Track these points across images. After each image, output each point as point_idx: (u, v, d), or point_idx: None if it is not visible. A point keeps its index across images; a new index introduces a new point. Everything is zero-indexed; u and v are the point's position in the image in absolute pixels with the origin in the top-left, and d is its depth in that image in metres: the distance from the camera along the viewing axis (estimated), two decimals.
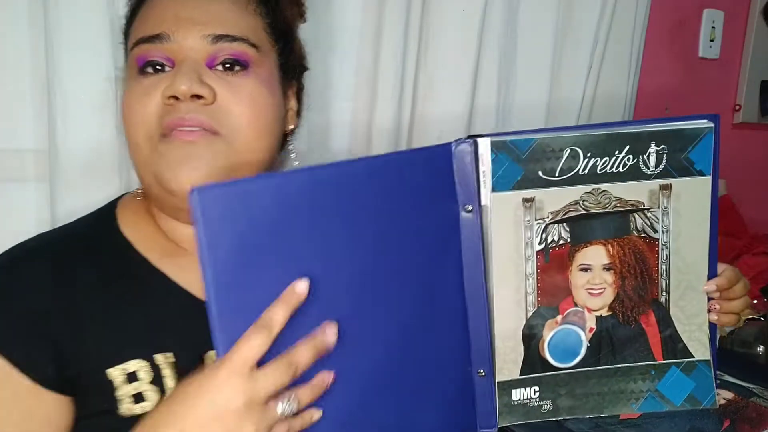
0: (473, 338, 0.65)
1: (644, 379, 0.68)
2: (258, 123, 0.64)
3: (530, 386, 0.67)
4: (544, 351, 0.66)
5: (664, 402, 0.68)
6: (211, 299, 0.48)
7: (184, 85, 0.60)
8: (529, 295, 0.65)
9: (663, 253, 0.67)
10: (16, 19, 0.81)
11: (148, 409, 0.59)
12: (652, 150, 0.64)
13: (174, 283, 0.65)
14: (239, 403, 0.48)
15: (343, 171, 0.56)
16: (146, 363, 0.61)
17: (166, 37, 0.63)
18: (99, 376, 0.60)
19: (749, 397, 0.71)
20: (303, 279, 0.50)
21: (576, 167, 0.64)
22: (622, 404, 0.68)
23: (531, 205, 0.64)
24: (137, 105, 0.63)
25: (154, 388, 0.61)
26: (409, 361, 0.61)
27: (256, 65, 0.65)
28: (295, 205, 0.52)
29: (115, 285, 0.64)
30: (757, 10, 1.56)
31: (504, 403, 0.66)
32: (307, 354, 0.51)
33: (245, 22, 0.66)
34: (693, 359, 0.69)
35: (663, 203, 0.66)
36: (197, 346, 0.61)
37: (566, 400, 0.67)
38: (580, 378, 0.67)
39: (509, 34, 1.13)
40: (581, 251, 0.65)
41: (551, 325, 0.66)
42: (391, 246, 0.59)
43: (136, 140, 0.63)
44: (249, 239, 0.50)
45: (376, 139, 1.03)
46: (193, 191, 0.47)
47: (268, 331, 0.49)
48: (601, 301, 0.67)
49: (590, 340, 0.67)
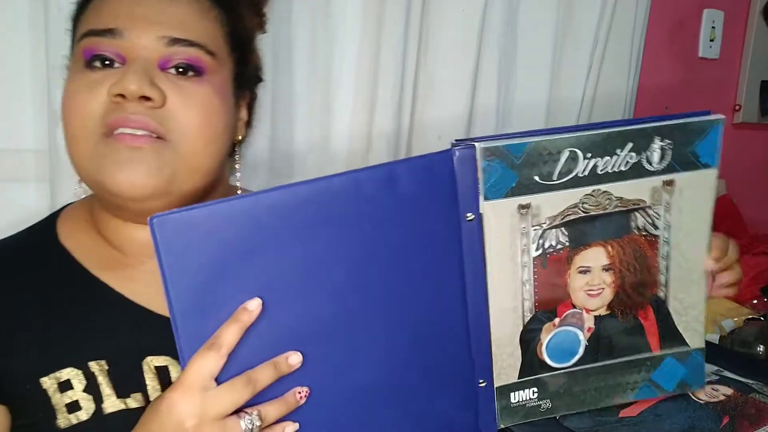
0: (474, 349, 0.63)
1: (640, 371, 0.68)
2: (207, 131, 0.62)
3: (529, 388, 0.66)
4: (542, 353, 0.65)
5: (658, 390, 0.68)
6: (176, 324, 0.50)
7: (134, 84, 0.58)
8: (526, 301, 0.63)
9: (663, 249, 0.65)
10: (16, 19, 0.83)
11: (83, 418, 0.60)
12: (656, 146, 0.61)
13: (113, 291, 0.65)
14: (193, 421, 0.50)
15: (319, 188, 0.53)
16: (79, 371, 0.61)
17: (119, 33, 0.61)
18: (33, 385, 0.60)
19: (748, 393, 0.71)
20: (255, 298, 0.52)
21: (575, 169, 0.60)
22: (618, 396, 0.68)
23: (527, 211, 0.60)
24: (80, 99, 0.60)
25: (88, 397, 0.60)
26: (410, 374, 0.60)
27: (211, 73, 0.63)
28: (264, 228, 0.51)
29: (51, 295, 0.64)
30: (757, 10, 1.56)
31: (503, 406, 0.66)
32: (266, 374, 0.52)
33: (204, 28, 0.64)
34: (688, 348, 0.68)
35: (665, 199, 0.63)
36: (135, 353, 0.62)
37: (564, 398, 0.67)
38: (578, 376, 0.67)
39: (509, 34, 1.14)
40: (580, 254, 0.63)
41: (549, 328, 0.65)
42: (386, 259, 0.57)
43: (75, 134, 0.61)
44: (212, 264, 0.50)
45: (376, 139, 1.04)
46: (151, 220, 0.48)
47: (217, 350, 0.50)
48: (600, 301, 0.65)
49: (588, 339, 0.66)
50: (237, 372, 0.51)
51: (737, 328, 1.08)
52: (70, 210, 0.72)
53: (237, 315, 0.51)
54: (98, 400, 0.60)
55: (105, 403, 0.60)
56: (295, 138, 1.00)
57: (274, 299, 0.52)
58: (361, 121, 1.02)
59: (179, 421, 0.50)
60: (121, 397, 0.61)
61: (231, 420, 0.51)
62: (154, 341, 0.63)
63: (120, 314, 0.64)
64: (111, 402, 0.60)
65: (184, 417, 0.50)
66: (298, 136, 1.00)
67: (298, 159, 1.01)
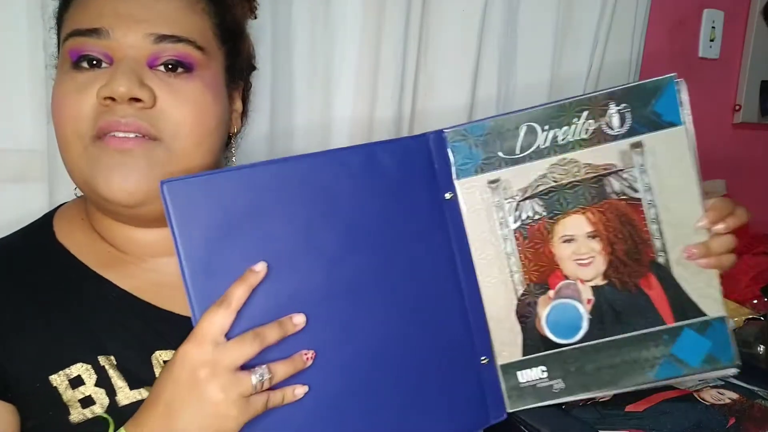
0: (473, 325, 0.66)
1: (657, 345, 0.65)
2: (200, 129, 0.62)
3: (536, 366, 0.66)
4: (543, 328, 0.65)
5: (681, 366, 0.65)
6: (187, 283, 0.53)
7: (123, 86, 0.58)
8: (515, 273, 0.66)
9: (650, 212, 0.65)
10: (16, 19, 0.81)
11: (99, 412, 0.59)
12: (613, 110, 0.65)
13: (116, 287, 0.65)
14: (205, 370, 0.51)
15: (313, 162, 0.58)
16: (89, 365, 0.61)
17: (104, 33, 0.60)
18: (42, 383, 0.60)
19: (754, 399, 0.68)
20: (261, 261, 0.55)
21: (536, 141, 0.65)
22: (637, 374, 0.65)
23: (497, 185, 0.65)
24: (69, 102, 0.60)
25: (101, 390, 0.60)
26: (409, 349, 0.62)
27: (201, 68, 0.63)
28: (265, 196, 0.55)
29: (52, 293, 0.63)
30: (757, 10, 1.56)
31: (511, 387, 0.66)
32: (272, 331, 0.54)
33: (192, 22, 0.63)
34: (706, 317, 0.65)
35: (638, 161, 0.65)
36: (142, 347, 0.62)
37: (578, 377, 0.66)
38: (588, 352, 0.65)
39: (509, 34, 1.14)
40: (560, 223, 0.65)
41: (545, 301, 0.66)
42: (376, 232, 0.61)
43: (66, 139, 0.61)
44: (219, 228, 0.54)
45: (377, 137, 1.03)
46: (162, 184, 0.52)
47: (227, 306, 0.52)
48: (593, 270, 0.66)
49: (591, 312, 0.66)
50: (245, 330, 0.54)
51: (737, 328, 1.05)
52: (65, 208, 0.72)
53: (245, 276, 0.54)
54: (111, 393, 0.60)
55: (118, 395, 0.60)
56: (295, 137, 1.00)
57: (277, 263, 0.56)
58: (361, 118, 1.03)
59: (192, 370, 0.51)
60: (134, 389, 0.61)
61: (242, 373, 0.52)
62: (160, 336, 0.63)
63: (124, 309, 0.64)
64: (124, 394, 0.60)
65: (196, 366, 0.51)
66: (297, 136, 1.00)
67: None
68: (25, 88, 0.83)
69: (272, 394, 0.54)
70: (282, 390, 0.55)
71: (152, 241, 0.67)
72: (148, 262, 0.67)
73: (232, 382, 0.52)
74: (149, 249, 0.67)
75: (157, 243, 0.67)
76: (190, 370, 0.52)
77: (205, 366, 0.51)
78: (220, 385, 0.51)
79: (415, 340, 0.63)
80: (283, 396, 0.55)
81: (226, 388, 0.51)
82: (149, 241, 0.67)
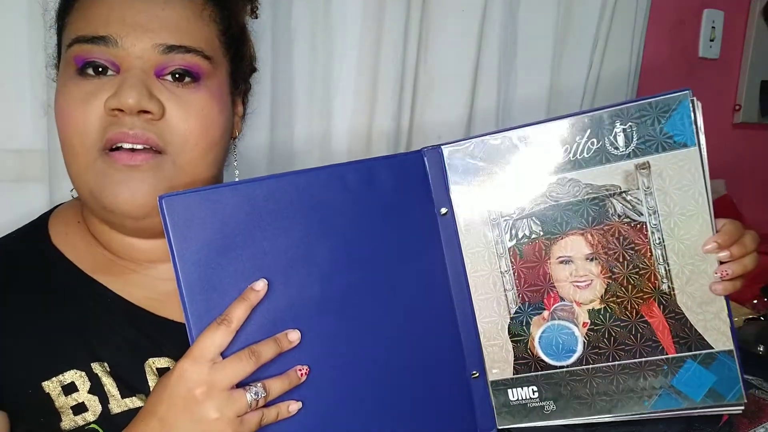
0: (464, 339, 0.66)
1: (656, 375, 0.62)
2: (205, 141, 0.63)
3: (527, 386, 0.65)
4: (536, 349, 0.65)
5: (681, 398, 0.62)
6: (184, 301, 0.54)
7: (132, 98, 0.58)
8: (509, 292, 0.65)
9: (654, 236, 0.62)
10: (16, 19, 0.81)
11: (91, 419, 0.59)
12: (618, 129, 0.62)
13: (110, 292, 0.65)
14: (201, 390, 0.52)
15: (310, 177, 0.59)
16: (83, 372, 0.60)
17: (112, 42, 0.59)
18: (34, 390, 0.59)
19: (748, 389, 0.62)
20: (262, 279, 0.55)
21: (537, 159, 0.64)
22: (633, 403, 0.63)
23: (494, 202, 0.65)
24: (76, 111, 0.60)
25: (94, 397, 0.60)
26: (401, 363, 0.63)
27: (208, 77, 0.63)
28: (263, 211, 0.56)
29: (46, 297, 0.63)
30: (757, 10, 1.55)
31: (501, 404, 0.66)
32: (268, 348, 0.55)
33: (199, 31, 0.63)
34: (712, 350, 0.61)
35: (643, 183, 0.62)
36: (136, 354, 0.63)
37: (570, 401, 0.64)
38: (581, 376, 0.64)
39: (509, 33, 1.14)
40: (557, 243, 0.64)
41: (539, 321, 0.65)
42: (371, 248, 0.62)
43: (72, 148, 0.61)
44: (217, 243, 0.55)
45: (376, 140, 1.04)
46: (161, 199, 0.52)
47: (227, 325, 0.53)
48: (591, 293, 0.64)
49: (586, 335, 0.64)
50: (241, 347, 0.54)
51: (737, 328, 1.00)
52: (61, 211, 0.71)
53: (245, 294, 0.54)
54: (104, 400, 0.60)
55: (111, 403, 0.60)
56: (295, 138, 1.00)
57: (272, 277, 0.56)
58: (361, 121, 1.02)
59: (189, 389, 0.51)
60: (126, 397, 0.61)
61: (237, 391, 0.52)
62: (154, 343, 0.64)
63: (118, 315, 0.64)
64: (117, 402, 0.60)
65: (193, 385, 0.51)
66: (297, 136, 1.00)
67: (298, 159, 1.01)
68: (25, 88, 0.83)
69: (266, 411, 0.55)
70: (276, 406, 0.56)
71: (149, 248, 0.67)
72: (145, 268, 0.67)
73: (228, 402, 0.52)
74: (146, 255, 0.67)
75: (153, 250, 0.67)
76: (186, 389, 0.52)
77: (202, 385, 0.52)
78: (216, 405, 0.52)
79: (406, 353, 0.64)
80: (277, 413, 0.55)
81: (221, 407, 0.52)
82: (146, 248, 0.67)
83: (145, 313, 0.65)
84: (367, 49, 1.01)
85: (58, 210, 0.72)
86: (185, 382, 0.52)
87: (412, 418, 0.64)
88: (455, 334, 0.66)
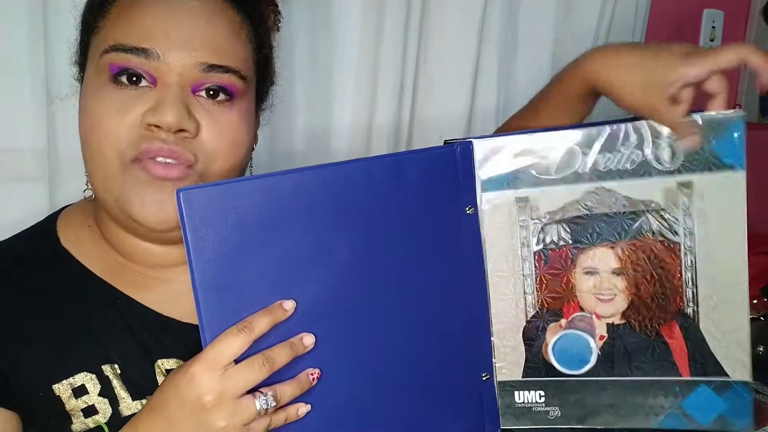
0: (478, 340, 0.65)
1: (666, 395, 0.62)
2: (232, 160, 0.63)
3: (534, 390, 0.65)
4: (548, 355, 0.64)
5: (689, 421, 0.62)
6: (198, 300, 0.51)
7: (172, 118, 0.58)
8: (528, 296, 0.64)
9: (686, 258, 0.60)
10: (16, 19, 0.81)
11: (101, 422, 0.60)
12: (664, 142, 0.60)
13: (121, 294, 0.64)
14: (210, 398, 0.50)
15: (334, 172, 0.56)
16: (93, 375, 0.60)
17: (154, 55, 0.58)
18: (45, 392, 0.59)
19: None
20: (290, 300, 0.53)
21: (575, 165, 0.62)
22: (640, 418, 0.63)
23: (525, 204, 0.63)
24: (110, 121, 0.59)
25: (104, 400, 0.60)
26: (415, 363, 0.62)
27: (240, 97, 0.63)
28: (283, 207, 0.53)
29: (55, 299, 0.62)
30: (757, 10, 1.53)
31: (506, 405, 0.66)
32: (283, 353, 0.52)
33: (238, 50, 0.63)
34: (728, 379, 0.60)
35: (683, 203, 0.60)
36: (146, 355, 0.62)
37: (576, 409, 0.64)
38: (591, 387, 0.64)
39: (509, 34, 1.14)
40: (585, 253, 0.62)
41: (555, 328, 0.64)
42: (394, 245, 0.59)
43: (103, 154, 0.59)
44: (234, 239, 0.51)
45: (376, 139, 1.04)
46: (178, 193, 0.50)
47: (248, 334, 0.50)
48: (613, 307, 0.63)
49: (602, 348, 0.63)
50: (253, 352, 0.52)
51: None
52: (70, 213, 0.70)
53: (273, 309, 0.52)
54: (114, 403, 0.60)
55: (121, 406, 0.60)
56: (295, 137, 1.00)
57: (290, 278, 0.54)
58: (361, 120, 1.02)
59: (198, 396, 0.50)
60: (137, 399, 0.61)
61: (246, 399, 0.50)
62: (164, 344, 0.63)
63: (129, 317, 0.63)
64: (126, 405, 0.60)
65: (203, 392, 0.50)
66: (298, 136, 1.00)
67: (298, 158, 1.00)
68: (25, 88, 0.83)
69: (275, 416, 0.53)
70: (285, 410, 0.54)
71: (163, 253, 0.66)
72: (157, 272, 0.67)
73: (236, 411, 0.50)
74: (159, 259, 0.66)
75: (167, 254, 0.66)
76: (195, 394, 0.50)
77: (212, 393, 0.50)
78: (224, 415, 0.50)
79: (422, 354, 0.62)
80: (286, 417, 0.54)
81: (229, 417, 0.50)
82: (161, 252, 0.66)
83: (155, 313, 0.65)
84: (367, 48, 1.00)
85: (66, 212, 0.70)
86: (195, 387, 0.50)
87: (423, 419, 0.64)
88: (471, 337, 0.65)
